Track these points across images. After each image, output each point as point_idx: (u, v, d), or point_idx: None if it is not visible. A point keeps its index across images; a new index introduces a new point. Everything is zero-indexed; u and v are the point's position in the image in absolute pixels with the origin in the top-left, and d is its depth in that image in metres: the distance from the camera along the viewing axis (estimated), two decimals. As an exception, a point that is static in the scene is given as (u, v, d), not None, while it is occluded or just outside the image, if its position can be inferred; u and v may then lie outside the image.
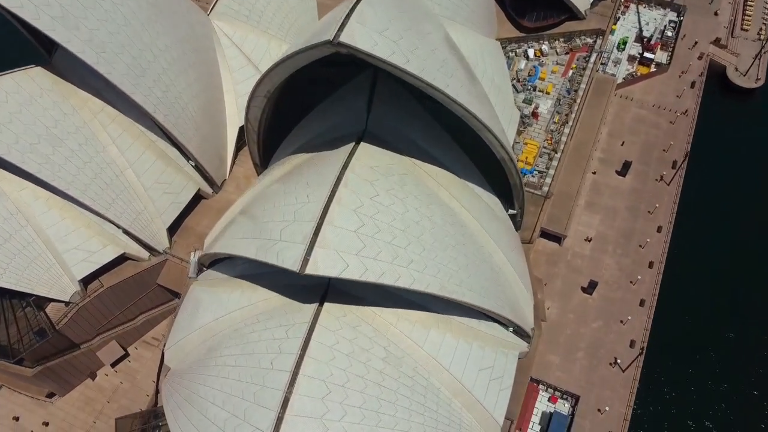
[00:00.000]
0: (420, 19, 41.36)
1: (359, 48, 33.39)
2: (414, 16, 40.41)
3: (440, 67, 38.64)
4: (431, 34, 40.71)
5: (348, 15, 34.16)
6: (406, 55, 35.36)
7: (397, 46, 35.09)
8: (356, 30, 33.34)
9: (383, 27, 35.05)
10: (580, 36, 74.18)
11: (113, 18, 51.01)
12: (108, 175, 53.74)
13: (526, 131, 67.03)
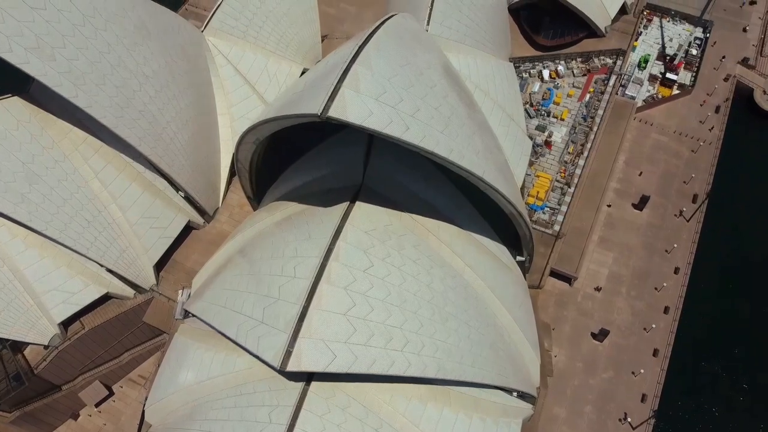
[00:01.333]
0: (425, 66, 37.31)
1: (351, 122, 29.59)
2: (418, 65, 36.35)
3: (445, 127, 34.79)
4: (436, 86, 36.68)
5: (340, 79, 30.21)
6: (405, 121, 31.52)
7: (396, 112, 31.24)
8: (348, 100, 29.50)
9: (380, 90, 31.18)
10: (599, 56, 69.66)
11: (94, 45, 47.23)
12: (90, 211, 50.47)
13: (538, 162, 63.05)
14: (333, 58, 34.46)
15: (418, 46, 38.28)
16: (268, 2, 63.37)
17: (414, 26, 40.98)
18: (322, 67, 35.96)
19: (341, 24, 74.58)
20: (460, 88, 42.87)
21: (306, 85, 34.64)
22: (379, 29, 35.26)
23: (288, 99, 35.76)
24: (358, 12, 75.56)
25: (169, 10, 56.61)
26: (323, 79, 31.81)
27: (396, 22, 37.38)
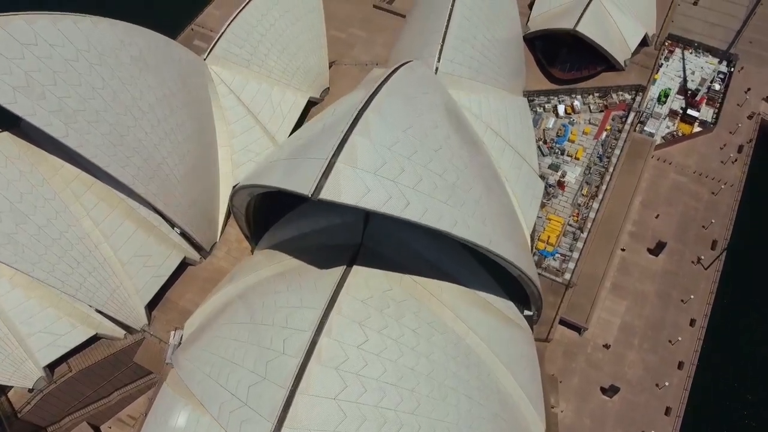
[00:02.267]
0: (431, 126, 34.87)
1: (345, 203, 27.20)
2: (423, 126, 33.94)
3: (449, 196, 32.33)
4: (442, 148, 34.20)
5: (337, 151, 27.77)
6: (406, 195, 29.12)
7: (396, 186, 28.84)
8: (344, 178, 27.15)
9: (379, 162, 28.80)
10: (617, 91, 66.81)
11: (88, 81, 45.18)
12: (80, 250, 48.38)
13: (550, 203, 60.36)
14: (331, 119, 32.02)
15: (425, 101, 35.84)
16: (274, 29, 61.15)
17: (423, 76, 38.58)
18: (320, 127, 33.48)
19: (351, 49, 72.24)
20: (471, 140, 40.31)
21: (302, 149, 32.20)
22: (383, 87, 32.80)
23: (283, 161, 33.32)
24: (368, 37, 73.20)
25: (170, 39, 54.45)
26: (319, 146, 29.38)
27: (402, 76, 34.98)
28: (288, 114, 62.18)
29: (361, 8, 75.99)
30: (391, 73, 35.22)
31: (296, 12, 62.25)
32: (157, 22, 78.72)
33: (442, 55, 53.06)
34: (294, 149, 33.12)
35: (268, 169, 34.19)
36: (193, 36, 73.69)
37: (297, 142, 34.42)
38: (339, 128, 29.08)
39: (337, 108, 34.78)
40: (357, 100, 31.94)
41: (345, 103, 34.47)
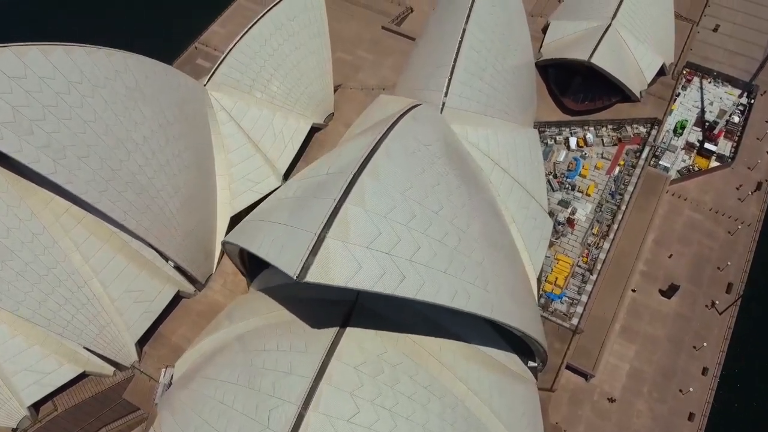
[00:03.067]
0: (433, 183, 32.81)
1: (332, 284, 25.18)
2: (425, 184, 31.91)
3: (449, 264, 30.25)
4: (444, 207, 32.09)
5: (327, 223, 25.72)
6: (401, 268, 27.12)
7: (390, 259, 26.82)
8: (333, 255, 25.19)
9: (374, 234, 26.77)
10: (632, 124, 64.32)
11: (79, 114, 43.51)
12: (68, 287, 46.76)
13: (559, 242, 58.07)
14: (327, 175, 29.87)
15: (428, 154, 33.79)
16: (277, 54, 59.25)
17: (427, 124, 36.50)
18: (315, 183, 31.42)
19: (357, 72, 70.22)
20: (476, 189, 38.16)
21: (295, 210, 30.17)
22: (383, 142, 30.75)
23: (273, 224, 31.29)
24: (375, 60, 71.15)
25: (168, 66, 52.71)
26: (311, 212, 27.35)
27: (404, 128, 32.92)
28: (290, 141, 60.27)
29: (369, 29, 73.95)
30: (392, 124, 33.12)
31: (301, 37, 60.29)
32: (161, 40, 77.98)
33: (449, 89, 50.95)
34: (287, 207, 31.12)
35: (257, 231, 32.22)
36: (196, 55, 71.97)
37: (292, 197, 32.38)
38: (332, 194, 27.06)
39: (337, 160, 32.68)
40: (355, 156, 29.85)
41: (344, 156, 32.38)
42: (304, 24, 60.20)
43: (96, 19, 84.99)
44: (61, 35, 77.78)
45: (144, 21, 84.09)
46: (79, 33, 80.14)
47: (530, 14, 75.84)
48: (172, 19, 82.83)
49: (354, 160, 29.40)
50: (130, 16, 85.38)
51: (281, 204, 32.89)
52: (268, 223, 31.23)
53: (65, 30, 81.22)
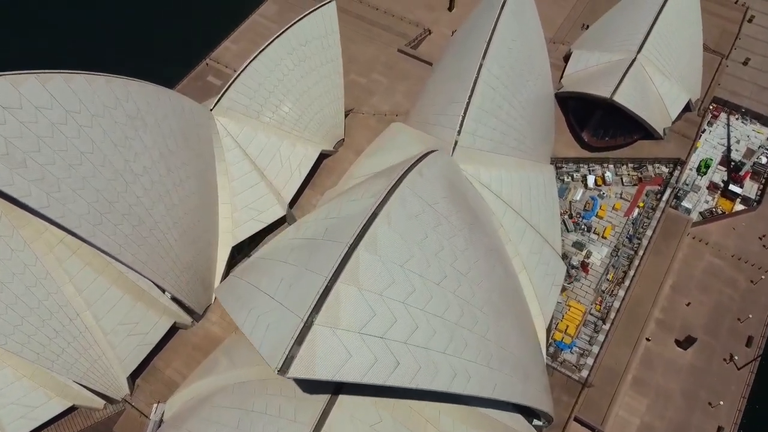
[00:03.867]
0: (437, 249, 30.71)
1: (318, 379, 23.21)
2: (426, 252, 29.84)
3: (449, 341, 28.20)
4: (447, 276, 29.95)
5: (315, 307, 23.74)
6: (395, 353, 25.25)
7: (384, 344, 24.88)
8: (320, 345, 23.27)
9: (367, 316, 24.84)
10: (653, 163, 61.63)
11: (76, 145, 41.98)
12: (59, 320, 45.33)
13: (572, 287, 55.59)
14: (320, 248, 27.86)
15: (433, 214, 31.66)
16: (287, 80, 57.46)
17: (435, 179, 34.33)
18: (309, 250, 29.44)
19: (370, 96, 68.20)
20: (484, 247, 35.94)
21: (288, 278, 28.19)
22: (383, 208, 28.70)
23: (260, 290, 29.39)
24: (389, 85, 69.06)
25: (172, 91, 51.08)
26: (300, 291, 25.37)
27: (409, 186, 30.76)
28: (297, 169, 58.47)
29: (385, 51, 71.92)
30: (398, 180, 31.05)
31: (312, 62, 58.43)
32: (173, 56, 76.70)
33: (462, 128, 48.81)
34: (279, 275, 29.16)
35: (247, 295, 30.31)
36: (207, 71, 70.44)
37: (286, 261, 30.40)
38: (325, 269, 25.07)
39: (336, 223, 30.63)
40: (353, 224, 27.77)
41: (345, 213, 30.33)
42: (316, 49, 58.32)
43: (107, 33, 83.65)
44: (72, 54, 77.29)
45: (157, 36, 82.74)
46: (90, 47, 79.59)
47: (552, 41, 73.57)
48: (185, 34, 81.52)
49: (352, 227, 27.41)
50: (142, 31, 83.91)
51: (275, 267, 30.86)
52: (258, 291, 29.31)
53: (75, 47, 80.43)
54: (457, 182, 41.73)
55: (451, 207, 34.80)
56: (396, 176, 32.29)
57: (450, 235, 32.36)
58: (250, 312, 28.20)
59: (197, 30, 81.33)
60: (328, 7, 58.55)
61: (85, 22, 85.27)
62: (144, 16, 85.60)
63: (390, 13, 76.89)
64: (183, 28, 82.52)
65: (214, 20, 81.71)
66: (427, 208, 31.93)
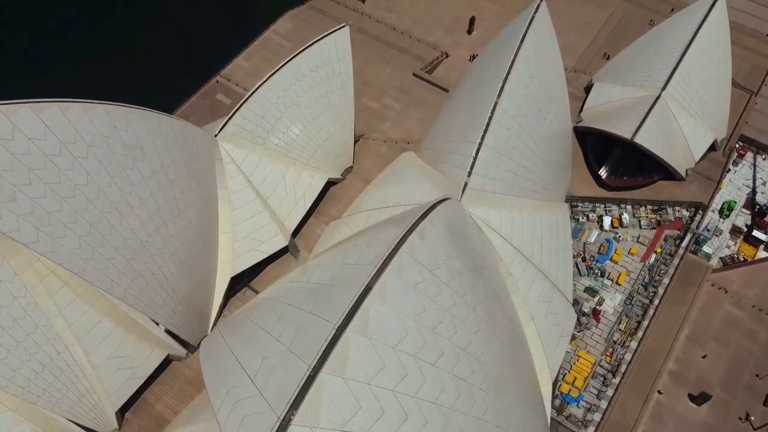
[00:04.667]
0: (436, 321, 28.61)
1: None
2: (424, 326, 27.73)
3: (444, 428, 25.94)
4: (445, 353, 27.86)
5: (294, 402, 21.75)
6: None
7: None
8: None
9: (352, 409, 22.72)
10: (674, 206, 58.94)
11: (69, 178, 40.46)
12: (47, 353, 43.91)
13: (582, 336, 53.19)
14: (307, 327, 25.80)
15: (433, 281, 29.59)
16: (296, 106, 55.69)
17: (441, 235, 32.19)
18: (297, 324, 27.42)
19: (382, 122, 66.18)
20: (488, 311, 33.82)
21: (266, 355, 26.18)
22: (382, 273, 26.65)
23: (241, 367, 27.44)
24: (402, 110, 66.98)
25: (175, 119, 49.31)
26: (276, 382, 23.32)
27: (408, 253, 28.71)
28: (302, 198, 56.66)
29: (400, 75, 69.86)
30: (396, 245, 28.99)
31: (323, 88, 56.56)
32: (183, 71, 75.26)
33: (473, 169, 46.61)
34: (260, 351, 27.21)
35: (229, 367, 28.45)
36: (217, 89, 68.87)
37: (270, 333, 28.44)
38: (308, 357, 23.03)
39: (328, 295, 28.59)
40: (342, 302, 25.67)
41: (338, 285, 28.32)
42: (327, 75, 56.45)
43: (117, 48, 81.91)
44: (80, 71, 75.83)
45: (168, 50, 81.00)
46: (99, 62, 78.24)
47: (573, 69, 71.15)
48: (197, 48, 79.93)
49: (342, 303, 25.42)
50: (153, 45, 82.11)
51: (259, 336, 28.85)
52: (240, 368, 27.29)
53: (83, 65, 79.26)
54: (464, 232, 39.68)
55: (453, 269, 32.70)
56: (396, 239, 30.15)
57: (450, 304, 30.29)
58: (228, 394, 26.30)
59: (209, 45, 79.82)
60: (341, 33, 56.61)
61: (93, 34, 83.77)
62: (155, 30, 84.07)
63: (408, 33, 74.83)
64: (195, 43, 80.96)
65: (227, 35, 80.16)
66: (428, 276, 29.90)
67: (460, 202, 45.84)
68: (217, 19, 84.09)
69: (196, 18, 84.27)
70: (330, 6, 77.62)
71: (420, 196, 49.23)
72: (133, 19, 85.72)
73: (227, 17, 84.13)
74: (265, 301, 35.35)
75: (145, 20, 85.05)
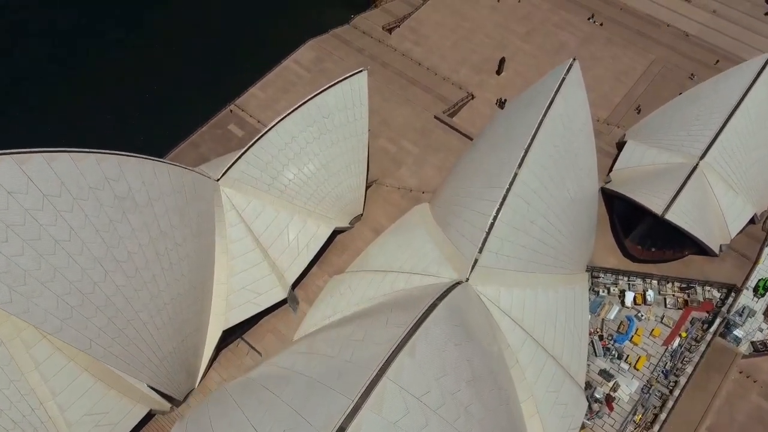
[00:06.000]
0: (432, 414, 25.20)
1: None
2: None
3: None
4: None
5: None
6: None
7: None
8: None
9: None
10: (704, 286, 54.51)
11: (51, 234, 38.03)
12: (20, 409, 41.61)
13: (592, 424, 49.26)
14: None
15: (420, 408, 26.24)
16: (305, 153, 52.80)
17: (437, 346, 28.96)
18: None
19: (397, 167, 62.79)
20: (489, 405, 30.40)
21: None
22: (362, 406, 23.51)
23: None
24: (420, 155, 63.49)
25: (174, 165, 46.55)
26: None
27: (395, 380, 25.48)
28: (305, 248, 53.68)
29: (420, 116, 66.38)
30: (381, 368, 25.72)
31: (335, 135, 53.51)
32: (196, 97, 72.86)
33: (485, 245, 43.07)
34: None
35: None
36: (230, 119, 66.27)
37: (260, 416, 25.46)
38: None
39: (317, 396, 25.49)
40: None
41: (321, 406, 25.16)
42: (340, 122, 53.37)
43: (130, 69, 79.75)
44: (93, 98, 73.72)
45: (183, 76, 78.44)
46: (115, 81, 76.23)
47: (606, 122, 66.99)
48: (213, 74, 77.43)
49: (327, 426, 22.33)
50: (169, 69, 79.74)
51: None
52: None
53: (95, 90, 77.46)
54: (467, 325, 36.30)
55: (445, 390, 29.28)
56: (381, 361, 26.82)
57: (456, 391, 26.97)
58: None
59: (226, 70, 77.42)
60: (358, 78, 53.45)
61: (107, 55, 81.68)
62: (173, 53, 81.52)
63: (433, 70, 71.29)
64: (212, 68, 78.50)
65: (245, 62, 77.55)
66: (415, 406, 26.47)
67: (467, 284, 42.41)
68: (236, 44, 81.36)
69: (216, 42, 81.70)
70: (355, 36, 74.45)
71: (426, 265, 46.01)
72: (152, 40, 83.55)
73: (247, 43, 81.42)
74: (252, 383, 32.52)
75: (164, 42, 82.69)
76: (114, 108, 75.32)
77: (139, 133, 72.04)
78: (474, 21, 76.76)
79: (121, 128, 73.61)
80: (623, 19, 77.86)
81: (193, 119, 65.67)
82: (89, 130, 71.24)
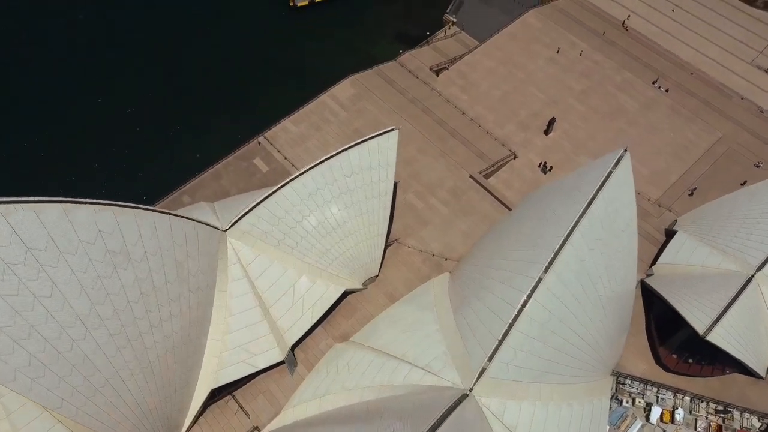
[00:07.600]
0: None
1: None
2: None
3: None
4: None
5: None
6: None
7: None
8: None
9: None
10: (743, 412, 48.79)
11: (30, 289, 35.84)
12: (-15, 460, 39.80)
13: None
14: None
15: None
16: (320, 212, 49.61)
17: None
18: None
19: (422, 226, 58.75)
20: None
21: None
22: None
23: None
24: (449, 217, 59.25)
25: (177, 217, 43.79)
26: None
27: None
28: (310, 309, 50.48)
29: (455, 173, 62.16)
30: None
31: (356, 195, 50.14)
32: (225, 127, 70.37)
33: (495, 355, 38.86)
34: None
35: None
36: (256, 151, 63.56)
37: None
38: None
39: None
40: None
41: None
42: (363, 182, 49.92)
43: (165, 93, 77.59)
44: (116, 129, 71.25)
45: (215, 102, 75.49)
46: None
47: (657, 203, 61.35)
48: (247, 102, 74.57)
49: None
50: (201, 94, 76.74)
51: None
52: None
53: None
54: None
55: None
56: None
57: None
58: None
59: (261, 99, 74.67)
60: (388, 137, 49.90)
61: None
62: (207, 77, 78.66)
63: (477, 122, 66.88)
64: (245, 95, 75.53)
65: (281, 92, 74.52)
66: None
67: (471, 396, 38.31)
68: (276, 70, 78.28)
69: (256, 69, 78.79)
70: (400, 74, 70.62)
71: (429, 361, 42.26)
72: (191, 61, 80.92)
73: (288, 71, 78.23)
74: None
75: (199, 67, 79.98)
76: (141, 130, 73.38)
77: (164, 156, 70.05)
78: (528, 72, 71.89)
79: (147, 151, 71.02)
80: (692, 87, 71.59)
81: (222, 145, 63.31)
82: (116, 153, 69.89)
